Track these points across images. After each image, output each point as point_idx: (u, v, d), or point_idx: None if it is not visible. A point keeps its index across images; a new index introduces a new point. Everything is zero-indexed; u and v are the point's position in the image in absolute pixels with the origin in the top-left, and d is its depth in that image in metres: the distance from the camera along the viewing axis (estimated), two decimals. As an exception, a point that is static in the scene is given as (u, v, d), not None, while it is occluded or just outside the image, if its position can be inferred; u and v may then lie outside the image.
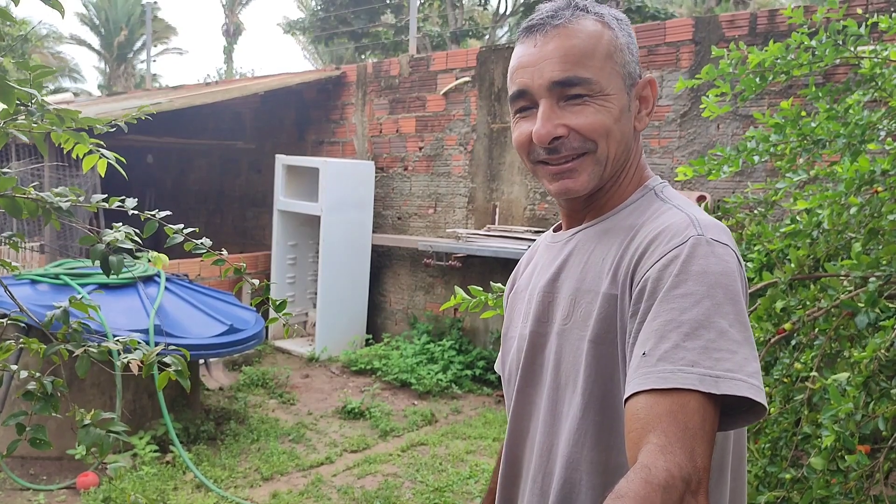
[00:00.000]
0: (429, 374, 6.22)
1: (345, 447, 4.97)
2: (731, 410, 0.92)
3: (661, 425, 0.87)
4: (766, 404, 0.91)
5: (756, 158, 2.27)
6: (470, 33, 18.73)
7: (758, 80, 2.19)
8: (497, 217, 6.81)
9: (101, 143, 1.50)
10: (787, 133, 2.24)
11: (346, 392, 6.11)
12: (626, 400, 0.93)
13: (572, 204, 1.21)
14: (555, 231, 1.31)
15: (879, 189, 2.17)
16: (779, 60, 2.14)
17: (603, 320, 1.07)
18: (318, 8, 19.04)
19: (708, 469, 0.87)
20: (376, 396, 5.96)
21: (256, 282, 1.58)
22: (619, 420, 1.02)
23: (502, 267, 6.32)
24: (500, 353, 1.35)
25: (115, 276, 1.52)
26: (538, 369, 1.19)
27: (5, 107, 1.37)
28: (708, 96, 2.31)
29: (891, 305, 2.01)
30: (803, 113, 2.30)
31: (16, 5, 1.11)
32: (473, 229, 6.84)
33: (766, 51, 2.15)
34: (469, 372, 6.44)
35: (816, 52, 2.10)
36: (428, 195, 7.32)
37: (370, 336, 7.42)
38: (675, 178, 2.50)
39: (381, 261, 7.58)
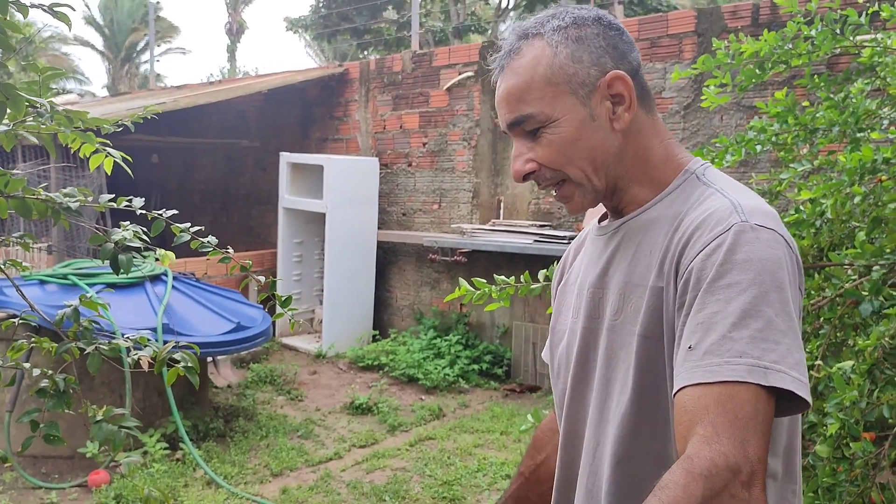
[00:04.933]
0: (436, 369, 6.24)
1: (353, 442, 5.00)
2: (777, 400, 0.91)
3: (709, 416, 0.86)
4: (808, 399, 0.89)
5: (758, 148, 2.27)
6: (472, 28, 18.70)
7: (757, 70, 2.19)
8: (502, 212, 6.82)
9: (108, 142, 1.52)
10: (789, 122, 2.24)
11: (354, 388, 6.14)
12: (675, 395, 0.92)
13: (600, 203, 1.19)
14: (600, 221, 1.27)
15: (884, 178, 2.17)
16: (776, 50, 2.14)
17: (652, 314, 1.05)
18: (321, 5, 19.04)
19: (763, 460, 0.85)
20: (384, 392, 5.98)
21: (262, 278, 1.60)
22: (665, 411, 1.03)
23: (508, 261, 6.33)
24: (548, 344, 1.33)
25: (123, 276, 1.54)
26: (590, 367, 1.17)
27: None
28: (709, 87, 2.31)
29: (895, 293, 2.02)
30: (806, 103, 2.30)
31: (24, 17, 1.12)
32: (478, 224, 6.85)
33: (762, 40, 2.16)
34: (476, 366, 6.46)
35: (815, 42, 2.10)
36: (432, 191, 7.34)
37: (377, 332, 7.44)
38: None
39: (387, 257, 7.60)
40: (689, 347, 0.92)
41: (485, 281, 1.82)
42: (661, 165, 1.15)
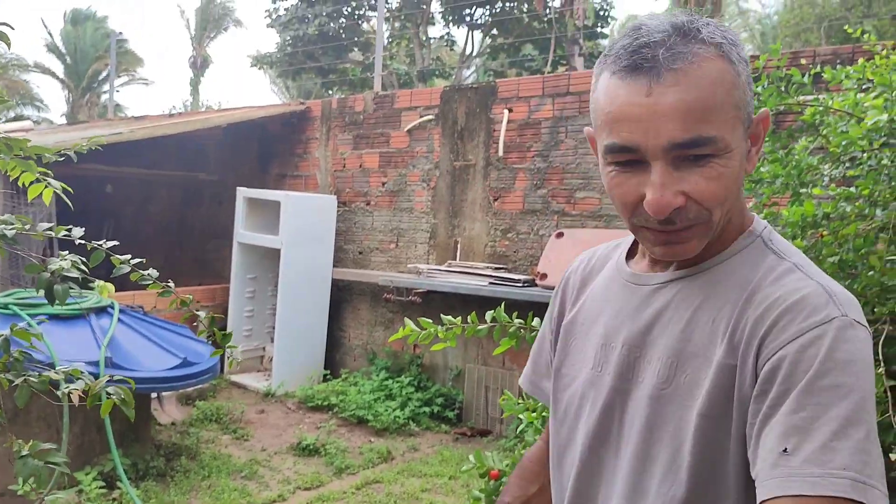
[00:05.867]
0: (386, 410, 6.17)
1: (298, 484, 4.88)
2: None
3: None
4: None
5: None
6: (436, 73, 18.97)
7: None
8: (458, 253, 6.84)
9: (49, 171, 1.49)
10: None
11: (302, 428, 6.02)
12: (764, 502, 0.85)
13: None
14: (628, 258, 1.15)
15: (824, 233, 2.24)
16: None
17: (719, 393, 0.95)
18: (287, 43, 19.16)
19: None
20: (332, 433, 5.88)
21: (203, 313, 1.57)
22: (725, 497, 0.96)
23: (463, 302, 6.33)
24: (551, 385, 1.21)
25: (66, 307, 1.50)
26: (616, 430, 1.07)
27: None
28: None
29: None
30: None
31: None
32: (435, 265, 6.85)
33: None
34: (427, 409, 6.40)
35: (762, 98, 2.17)
36: (390, 230, 7.34)
37: (328, 371, 7.34)
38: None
39: (341, 295, 7.54)
40: (785, 451, 0.84)
41: (430, 320, 1.81)
42: (738, 217, 1.04)
